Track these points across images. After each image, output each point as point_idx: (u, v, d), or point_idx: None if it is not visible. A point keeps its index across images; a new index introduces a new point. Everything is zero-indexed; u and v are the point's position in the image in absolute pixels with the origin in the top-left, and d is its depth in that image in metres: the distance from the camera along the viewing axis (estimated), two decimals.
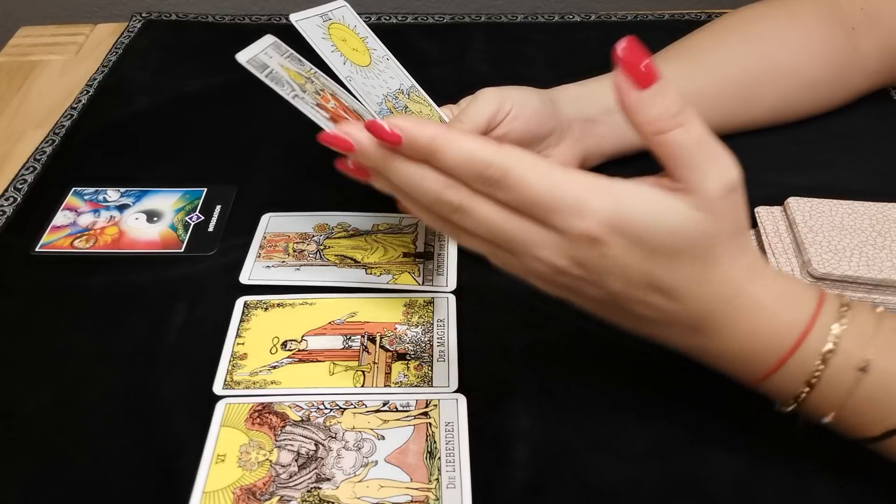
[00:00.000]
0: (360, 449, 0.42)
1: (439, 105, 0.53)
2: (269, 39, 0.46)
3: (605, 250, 0.34)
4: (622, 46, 0.34)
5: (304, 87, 0.45)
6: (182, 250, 0.55)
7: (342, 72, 0.48)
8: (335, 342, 0.48)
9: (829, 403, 0.36)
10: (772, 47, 0.59)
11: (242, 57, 0.44)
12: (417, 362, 0.47)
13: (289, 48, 0.47)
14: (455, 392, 0.45)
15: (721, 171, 0.34)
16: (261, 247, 0.55)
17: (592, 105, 0.55)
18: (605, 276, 0.35)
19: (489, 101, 0.50)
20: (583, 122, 0.55)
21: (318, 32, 0.48)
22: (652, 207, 0.34)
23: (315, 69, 0.48)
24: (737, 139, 0.62)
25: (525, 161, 0.34)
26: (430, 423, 0.43)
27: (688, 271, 0.35)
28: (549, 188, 0.34)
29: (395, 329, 0.49)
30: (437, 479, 0.41)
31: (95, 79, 0.74)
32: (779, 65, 0.59)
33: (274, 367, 0.47)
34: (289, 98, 0.43)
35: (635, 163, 0.59)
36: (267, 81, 0.43)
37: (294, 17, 0.48)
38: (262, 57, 0.45)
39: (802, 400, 0.36)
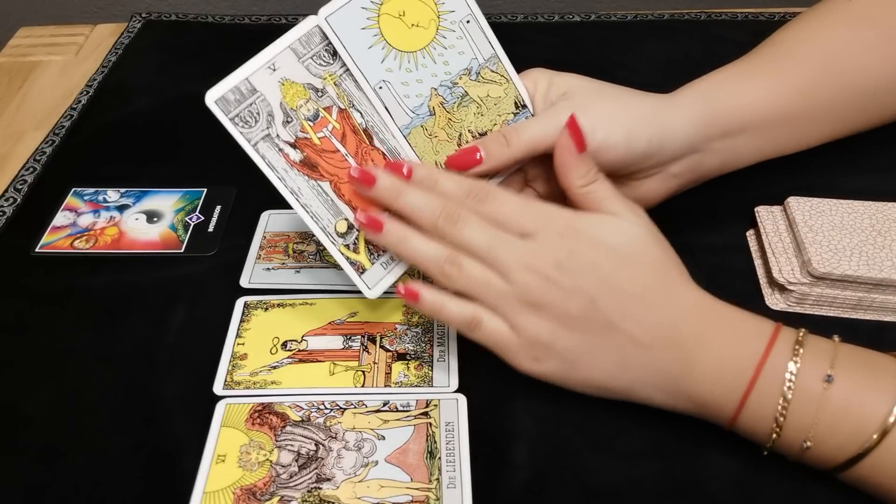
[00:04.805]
0: (360, 449, 0.42)
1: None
2: (298, 32, 0.41)
3: (574, 245, 0.40)
4: (571, 122, 0.44)
5: (294, 113, 0.41)
6: (182, 251, 0.55)
7: (373, 79, 0.44)
8: (335, 342, 0.48)
9: (804, 420, 0.37)
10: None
11: (211, 97, 0.42)
12: (417, 362, 0.47)
13: (324, 39, 0.43)
14: (455, 392, 0.45)
15: (630, 209, 0.42)
16: (261, 247, 0.55)
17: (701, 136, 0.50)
18: (581, 277, 0.40)
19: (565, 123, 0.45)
20: (691, 157, 0.50)
21: (356, 22, 0.43)
22: (604, 216, 0.42)
23: (343, 70, 0.44)
24: None
25: (500, 188, 0.44)
26: (431, 423, 0.43)
27: (654, 279, 0.40)
28: (521, 201, 0.43)
29: (395, 329, 0.49)
30: (438, 479, 0.41)
31: (95, 79, 0.74)
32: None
33: (274, 368, 0.47)
34: (248, 147, 0.43)
35: None
36: (229, 127, 0.42)
37: (324, 11, 0.43)
38: (258, 76, 0.41)
39: (783, 423, 0.37)
